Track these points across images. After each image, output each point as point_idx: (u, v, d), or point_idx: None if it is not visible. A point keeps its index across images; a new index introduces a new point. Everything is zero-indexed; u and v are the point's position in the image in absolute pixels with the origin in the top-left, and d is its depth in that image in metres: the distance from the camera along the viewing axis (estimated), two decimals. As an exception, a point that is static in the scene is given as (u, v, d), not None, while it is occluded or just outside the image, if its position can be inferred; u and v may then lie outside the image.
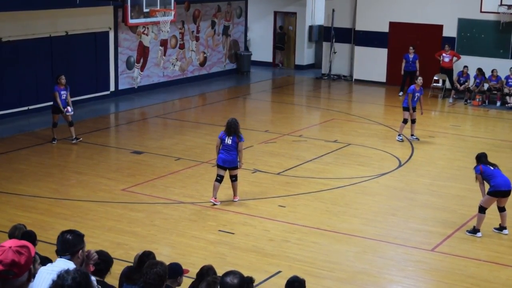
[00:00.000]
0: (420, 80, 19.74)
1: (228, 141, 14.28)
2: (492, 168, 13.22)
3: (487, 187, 13.24)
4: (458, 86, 25.79)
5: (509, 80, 25.28)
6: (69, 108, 18.31)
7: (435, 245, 12.84)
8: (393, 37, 28.29)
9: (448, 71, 26.42)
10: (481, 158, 13.40)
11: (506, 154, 18.78)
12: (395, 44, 28.12)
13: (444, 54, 26.36)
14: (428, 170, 17.39)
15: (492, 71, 25.57)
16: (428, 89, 26.22)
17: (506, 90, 25.19)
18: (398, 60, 27.03)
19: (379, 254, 12.48)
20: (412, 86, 19.73)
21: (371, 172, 16.97)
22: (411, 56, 26.42)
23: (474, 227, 13.33)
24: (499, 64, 25.94)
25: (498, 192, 13.07)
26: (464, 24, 26.97)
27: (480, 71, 25.62)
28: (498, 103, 25.26)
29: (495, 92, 25.42)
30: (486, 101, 25.47)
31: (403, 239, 13.11)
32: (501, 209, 13.37)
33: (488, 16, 26.03)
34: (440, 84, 26.74)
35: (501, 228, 13.48)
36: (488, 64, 25.98)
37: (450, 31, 27.24)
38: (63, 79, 18.40)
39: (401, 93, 26.25)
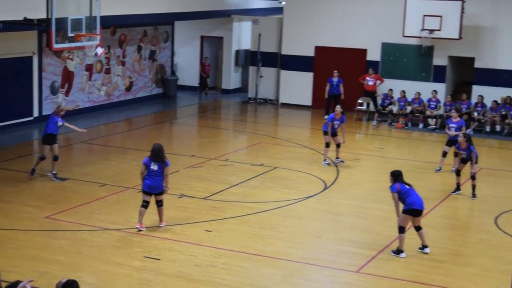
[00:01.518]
0: (338, 108, 20.01)
1: (154, 166, 14.21)
2: (407, 186, 13.47)
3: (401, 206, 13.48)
4: (382, 108, 26.28)
5: (431, 103, 25.86)
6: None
7: (360, 267, 12.96)
8: (319, 61, 28.65)
9: (372, 94, 26.88)
10: (398, 177, 13.61)
11: (429, 175, 19.16)
12: (320, 68, 28.47)
13: (368, 78, 26.83)
14: (353, 192, 17.60)
15: (415, 94, 26.14)
16: (353, 112, 26.61)
17: (428, 113, 25.75)
18: (323, 84, 27.37)
19: (305, 277, 12.53)
20: (332, 115, 20.03)
21: (297, 195, 17.08)
22: (335, 79, 26.80)
23: (398, 247, 13.52)
24: (421, 87, 26.55)
25: (412, 211, 13.31)
26: (387, 48, 27.51)
27: (403, 93, 26.20)
28: (421, 125, 25.79)
29: (418, 114, 25.95)
30: (409, 124, 25.99)
31: (329, 261, 13.20)
32: (417, 228, 13.61)
33: (410, 41, 26.62)
34: (364, 107, 27.17)
35: (423, 247, 13.70)
36: (410, 87, 26.55)
37: (374, 55, 27.75)
38: (62, 110, 18.19)
39: (326, 116, 26.51)
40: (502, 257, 13.29)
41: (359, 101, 27.17)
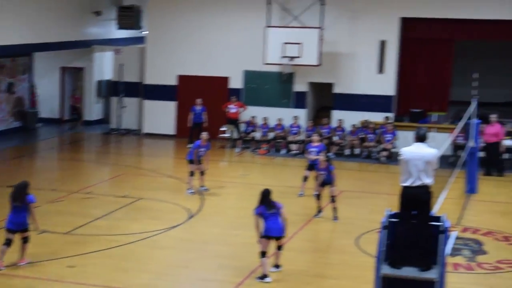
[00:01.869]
0: (204, 135, 20.14)
1: (17, 203, 13.80)
2: (269, 212, 13.53)
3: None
4: (245, 135, 26.58)
5: (293, 129, 26.35)
6: None
7: (226, 295, 12.98)
8: (182, 90, 28.68)
9: (235, 122, 27.13)
10: (265, 197, 13.68)
11: (292, 200, 19.43)
12: (183, 96, 28.49)
13: (230, 105, 27.05)
14: (218, 220, 17.63)
15: (277, 120, 26.59)
16: (216, 140, 26.74)
17: (290, 138, 26.21)
18: (187, 113, 27.39)
19: (170, 308, 12.42)
20: (198, 142, 20.09)
21: (162, 226, 16.92)
22: (198, 108, 26.88)
23: (262, 273, 13.60)
24: (283, 113, 27.02)
25: (268, 237, 13.47)
26: (249, 76, 27.91)
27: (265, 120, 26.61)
28: (283, 151, 26.22)
29: (280, 140, 26.38)
30: (272, 150, 26.37)
31: (194, 291, 13.16)
32: (278, 248, 13.81)
33: (271, 68, 27.09)
34: (227, 135, 27.38)
35: (276, 266, 13.88)
36: (273, 113, 26.98)
37: (236, 82, 28.06)
38: None
39: (189, 145, 26.56)
40: (363, 276, 13.56)
41: (222, 128, 27.35)
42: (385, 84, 26.97)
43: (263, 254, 13.53)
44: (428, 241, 9.84)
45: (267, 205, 13.63)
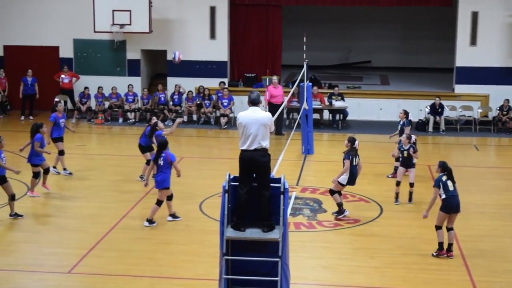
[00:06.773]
0: (61, 105, 19.52)
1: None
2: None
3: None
4: (81, 107, 26.00)
5: (129, 97, 26.09)
6: None
7: (71, 267, 12.78)
8: (10, 61, 27.61)
9: (69, 92, 26.50)
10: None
11: (126, 169, 19.25)
12: (12, 68, 27.40)
13: (63, 76, 26.37)
14: (56, 193, 17.17)
15: (112, 89, 26.19)
16: (50, 111, 25.97)
17: (126, 107, 25.94)
18: (16, 84, 26.42)
19: (12, 285, 12.09)
20: (54, 114, 18.97)
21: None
22: (29, 79, 26.06)
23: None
24: (117, 81, 26.63)
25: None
26: (79, 45, 27.28)
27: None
28: (120, 120, 25.91)
29: (117, 109, 26.04)
30: (109, 119, 26.00)
31: (38, 265, 12.87)
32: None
33: (102, 36, 26.58)
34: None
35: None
36: (107, 82, 26.52)
37: (66, 52, 27.35)
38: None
39: (23, 117, 25.82)
40: (209, 241, 13.76)
41: (56, 99, 26.59)
42: (218, 49, 27.13)
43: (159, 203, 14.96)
44: (269, 202, 9.99)
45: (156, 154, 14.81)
